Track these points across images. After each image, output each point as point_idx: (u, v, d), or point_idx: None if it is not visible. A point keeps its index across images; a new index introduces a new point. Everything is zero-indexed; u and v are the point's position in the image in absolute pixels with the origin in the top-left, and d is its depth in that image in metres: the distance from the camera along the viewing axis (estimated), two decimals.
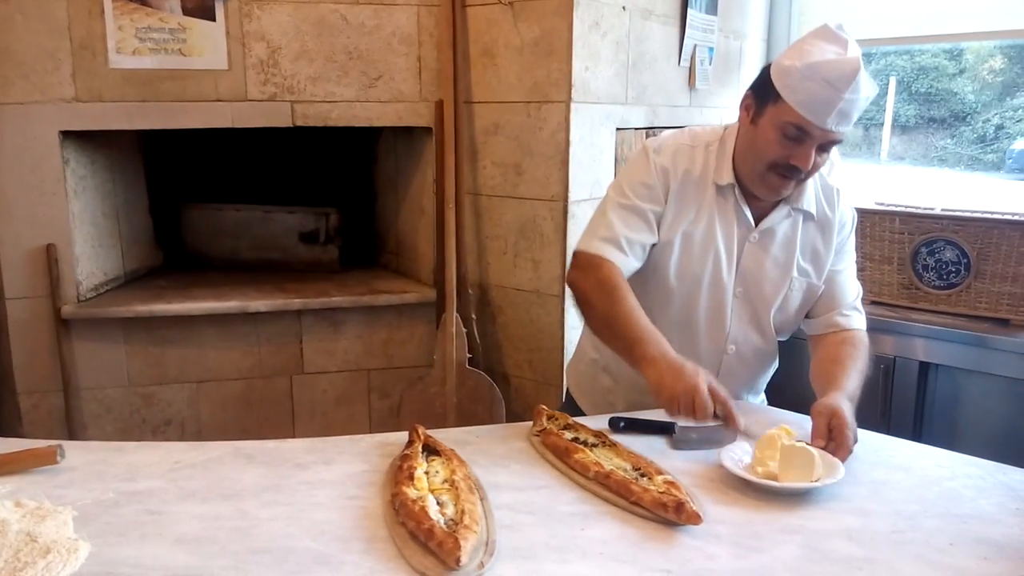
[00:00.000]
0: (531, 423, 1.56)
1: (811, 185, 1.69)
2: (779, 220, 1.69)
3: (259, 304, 2.54)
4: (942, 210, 2.65)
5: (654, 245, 1.68)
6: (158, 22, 2.36)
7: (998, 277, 2.47)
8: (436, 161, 2.63)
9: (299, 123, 2.53)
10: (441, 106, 2.59)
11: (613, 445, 1.43)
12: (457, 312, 2.59)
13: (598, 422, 1.56)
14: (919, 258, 2.61)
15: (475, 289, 2.70)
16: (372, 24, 2.52)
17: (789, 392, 2.89)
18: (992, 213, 2.56)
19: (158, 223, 3.01)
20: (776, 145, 1.54)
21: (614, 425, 1.57)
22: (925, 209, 2.68)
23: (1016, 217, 2.48)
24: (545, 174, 2.50)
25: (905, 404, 2.59)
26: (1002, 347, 2.40)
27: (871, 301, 2.76)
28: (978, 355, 2.46)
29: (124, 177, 2.77)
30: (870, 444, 1.53)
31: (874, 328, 2.67)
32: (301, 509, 1.26)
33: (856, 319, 1.80)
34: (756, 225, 1.68)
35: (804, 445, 1.34)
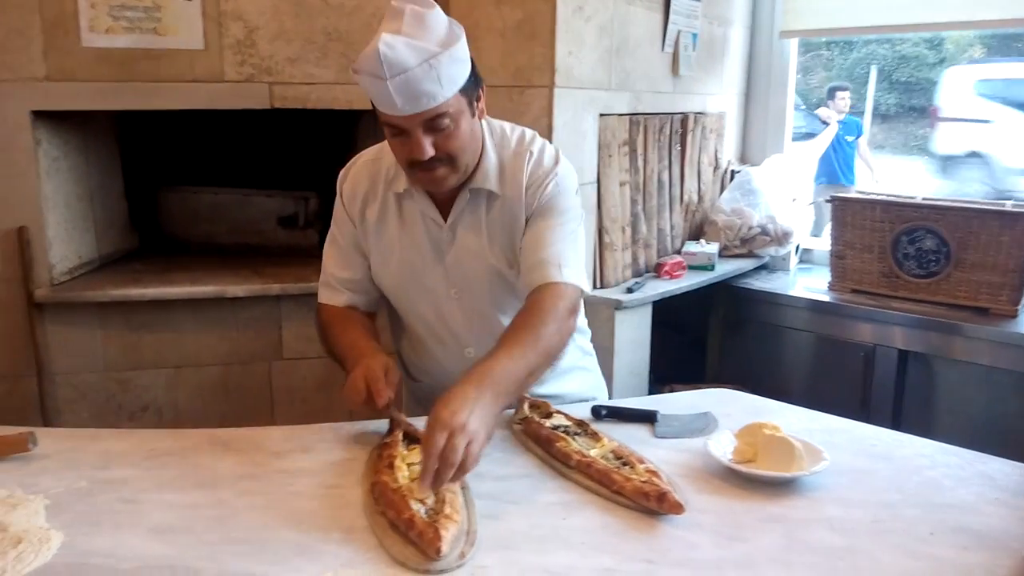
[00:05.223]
0: (513, 411, 1.55)
1: (491, 161, 1.56)
2: (461, 209, 1.58)
3: (237, 289, 2.50)
4: (923, 199, 2.66)
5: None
6: (132, 0, 2.30)
7: (978, 266, 2.49)
8: None
9: (277, 105, 2.48)
10: None
11: (595, 434, 1.43)
12: None
13: (580, 411, 1.56)
14: (900, 247, 2.62)
15: None
16: (352, 5, 2.48)
17: (770, 380, 2.91)
18: (972, 202, 2.57)
19: (133, 206, 2.96)
20: (397, 147, 1.46)
21: (596, 414, 1.56)
22: (906, 198, 2.70)
23: (996, 206, 2.49)
24: None
25: (884, 392, 2.62)
26: (981, 336, 2.43)
27: (851, 290, 2.77)
28: (957, 343, 2.48)
29: (98, 159, 2.71)
30: (851, 433, 1.53)
31: (854, 316, 2.70)
32: (279, 498, 1.24)
33: (541, 273, 1.49)
34: (441, 224, 1.59)
35: (785, 435, 1.34)
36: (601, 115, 2.63)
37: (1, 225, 2.33)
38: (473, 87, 1.46)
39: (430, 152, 1.42)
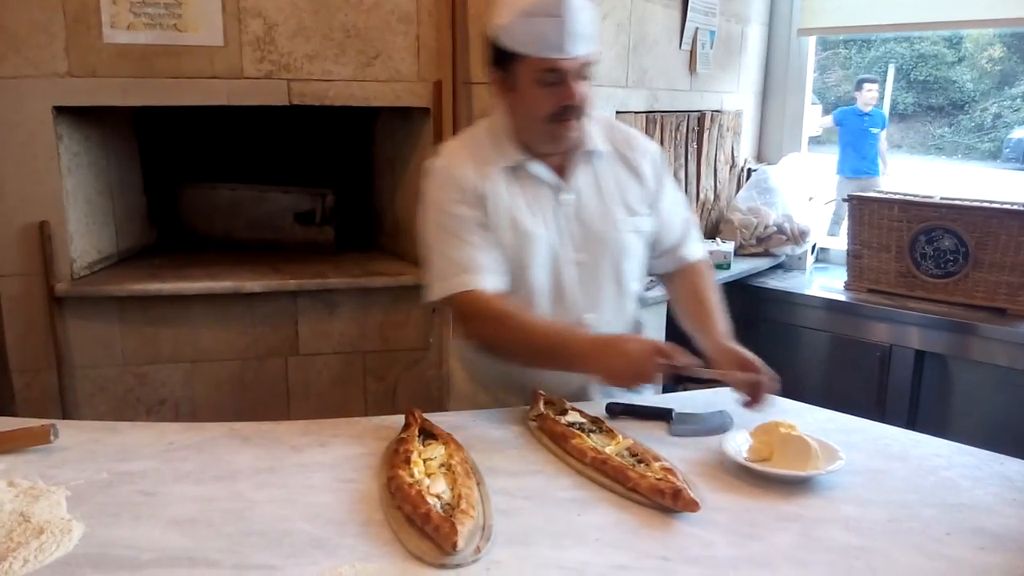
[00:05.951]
0: (528, 408, 1.56)
1: (590, 126, 1.64)
2: (579, 172, 1.64)
3: (254, 284, 2.52)
4: (941, 198, 2.64)
5: None
6: None
7: (996, 266, 2.47)
8: (434, 143, 2.60)
9: (295, 102, 2.50)
10: (439, 86, 2.57)
11: (610, 431, 1.43)
12: None
13: (595, 407, 1.56)
14: (917, 246, 2.61)
15: None
16: (370, 2, 2.49)
17: (785, 379, 2.89)
18: (992, 202, 2.55)
19: (152, 202, 2.98)
20: (543, 97, 1.51)
21: (611, 411, 1.57)
22: (924, 197, 2.68)
23: (1016, 206, 2.47)
24: None
25: (900, 392, 2.60)
26: (998, 336, 2.41)
27: (868, 289, 2.76)
28: (974, 344, 2.46)
29: (118, 154, 2.74)
30: (867, 432, 1.53)
31: (870, 316, 2.69)
32: (296, 491, 1.25)
33: (696, 248, 1.82)
34: (563, 188, 1.63)
35: (801, 434, 1.34)
36: (618, 112, 2.63)
37: (23, 220, 2.36)
38: None
39: (582, 98, 1.52)
